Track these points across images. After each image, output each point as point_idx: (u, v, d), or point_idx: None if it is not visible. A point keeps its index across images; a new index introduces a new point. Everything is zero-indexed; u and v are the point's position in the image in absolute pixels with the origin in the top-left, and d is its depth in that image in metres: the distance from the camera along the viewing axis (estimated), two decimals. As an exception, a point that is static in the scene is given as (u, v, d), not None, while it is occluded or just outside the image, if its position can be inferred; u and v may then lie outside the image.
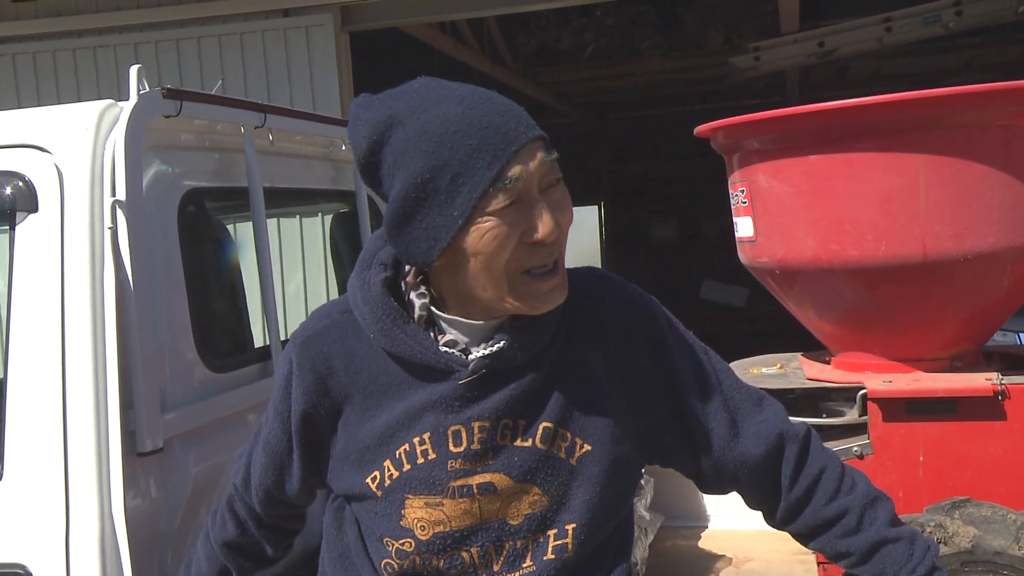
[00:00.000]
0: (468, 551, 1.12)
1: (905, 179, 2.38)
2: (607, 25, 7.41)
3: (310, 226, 3.07)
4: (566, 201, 1.10)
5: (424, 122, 1.04)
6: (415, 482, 1.11)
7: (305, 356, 1.17)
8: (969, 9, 5.35)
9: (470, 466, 1.11)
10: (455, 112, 1.03)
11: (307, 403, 1.18)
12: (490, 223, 1.03)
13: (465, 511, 1.11)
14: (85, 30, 5.16)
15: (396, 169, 1.05)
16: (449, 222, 1.03)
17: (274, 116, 2.21)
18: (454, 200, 1.03)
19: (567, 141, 10.78)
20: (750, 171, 2.64)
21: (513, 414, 1.11)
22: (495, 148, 1.02)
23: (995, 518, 2.18)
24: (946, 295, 2.47)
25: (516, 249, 1.05)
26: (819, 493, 1.21)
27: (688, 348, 1.21)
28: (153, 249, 1.81)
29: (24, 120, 1.82)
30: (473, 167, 1.02)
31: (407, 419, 1.12)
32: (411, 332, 1.12)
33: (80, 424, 1.66)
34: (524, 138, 1.04)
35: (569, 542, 1.12)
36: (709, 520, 4.03)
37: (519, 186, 1.03)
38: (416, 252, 1.07)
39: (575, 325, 1.16)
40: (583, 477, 1.13)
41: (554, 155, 1.08)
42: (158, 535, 1.77)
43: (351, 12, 5.02)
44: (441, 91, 1.07)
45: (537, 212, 1.05)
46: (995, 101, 2.36)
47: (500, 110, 1.05)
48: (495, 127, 1.03)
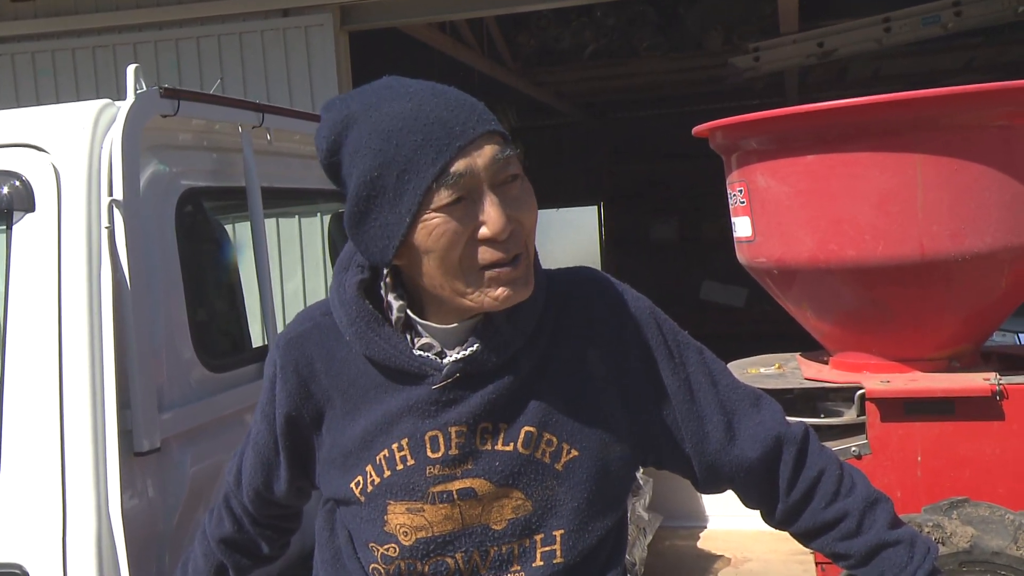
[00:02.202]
0: (453, 557, 1.10)
1: (903, 179, 2.38)
2: (607, 25, 7.40)
3: (308, 226, 3.07)
4: (526, 197, 1.08)
5: (374, 120, 1.03)
6: (395, 488, 1.10)
7: (288, 358, 1.17)
8: (968, 10, 5.35)
9: (449, 471, 1.09)
10: (404, 108, 1.03)
11: (291, 406, 1.17)
12: (437, 219, 1.02)
13: (446, 516, 1.10)
14: (84, 30, 5.15)
15: (351, 168, 1.05)
16: (398, 219, 1.03)
17: (272, 115, 2.21)
18: (402, 197, 1.02)
19: (567, 141, 10.78)
20: (748, 171, 2.64)
21: (492, 417, 1.10)
22: (440, 143, 1.01)
23: (993, 518, 2.18)
24: (944, 295, 2.47)
25: (468, 245, 1.03)
26: (818, 496, 1.20)
27: (682, 349, 1.19)
28: (150, 249, 1.81)
29: (21, 119, 1.82)
30: (418, 163, 1.01)
31: (385, 424, 1.11)
32: (386, 335, 1.11)
33: (77, 424, 1.66)
34: (472, 133, 1.02)
35: (558, 548, 1.11)
36: (708, 520, 4.03)
37: (464, 181, 1.01)
38: (374, 251, 1.07)
39: (564, 325, 1.15)
40: (570, 483, 1.11)
41: (511, 151, 1.06)
42: (155, 535, 1.77)
43: (350, 12, 5.01)
44: (397, 88, 1.06)
45: (486, 208, 1.03)
46: (993, 101, 2.36)
47: (451, 105, 1.04)
48: (442, 122, 1.02)
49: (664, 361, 1.17)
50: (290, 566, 1.90)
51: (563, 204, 10.59)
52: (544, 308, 1.13)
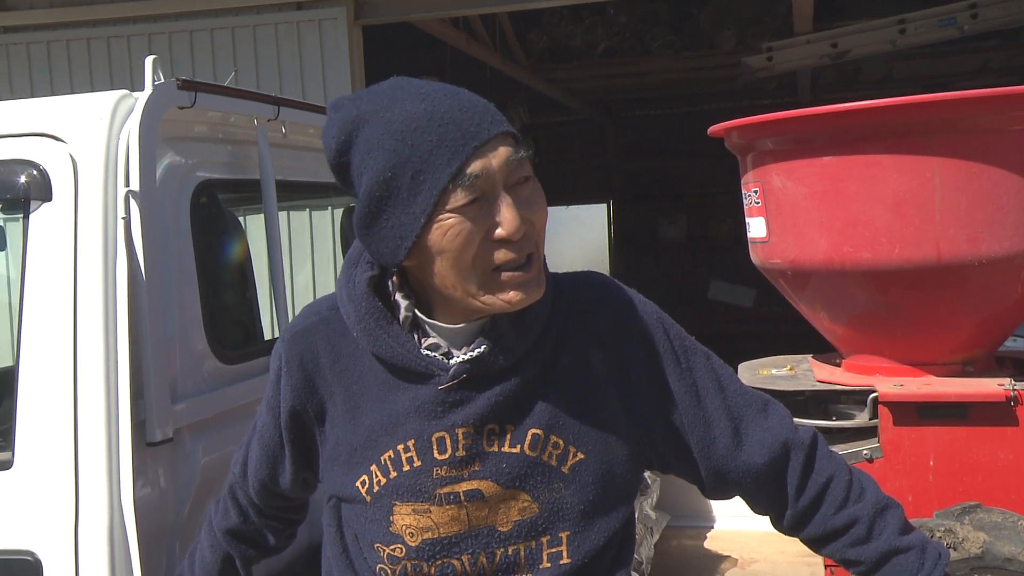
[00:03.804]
0: (459, 559, 1.10)
1: (920, 182, 2.36)
2: (619, 23, 7.39)
3: (320, 219, 3.08)
4: (537, 198, 1.08)
5: (387, 120, 1.03)
6: (402, 489, 1.10)
7: (293, 352, 1.17)
8: (984, 12, 5.31)
9: (456, 473, 1.09)
10: (417, 109, 1.02)
11: (295, 400, 1.17)
12: (452, 220, 1.02)
13: (453, 518, 1.09)
14: (99, 20, 5.16)
15: (363, 168, 1.04)
16: (412, 220, 1.02)
17: (287, 109, 2.21)
18: (416, 197, 1.02)
19: (577, 139, 10.76)
20: (764, 171, 2.63)
21: (499, 419, 1.09)
22: (455, 144, 1.01)
23: (1006, 524, 2.17)
24: (959, 299, 2.46)
25: (482, 246, 1.03)
26: (827, 502, 1.19)
27: (689, 354, 1.18)
28: (165, 240, 1.81)
29: (39, 109, 1.83)
30: (433, 163, 1.01)
31: (391, 424, 1.11)
32: (393, 333, 1.10)
33: (91, 413, 1.67)
34: (487, 134, 1.02)
35: (564, 549, 1.11)
36: (715, 520, 4.03)
37: (480, 183, 1.02)
38: (385, 252, 1.06)
39: (570, 329, 1.14)
40: (576, 485, 1.11)
41: (523, 152, 1.06)
42: (166, 525, 1.77)
43: (364, 6, 5.01)
44: (408, 89, 1.06)
45: (501, 209, 1.03)
46: (1012, 105, 2.34)
47: (464, 106, 1.04)
48: (456, 123, 1.02)
49: (671, 366, 1.16)
50: (298, 559, 1.90)
51: (573, 202, 10.58)
52: (551, 311, 1.13)
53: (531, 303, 1.07)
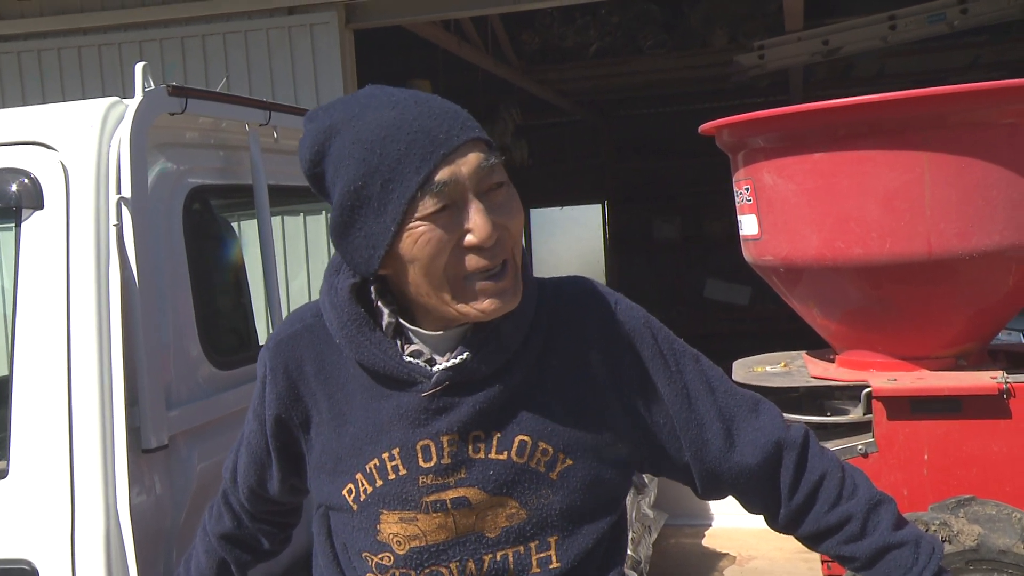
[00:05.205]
0: (447, 566, 1.10)
1: (910, 177, 2.37)
2: (611, 23, 7.40)
3: (314, 224, 3.08)
4: (512, 203, 1.07)
5: (357, 130, 1.03)
6: (388, 498, 1.10)
7: (278, 360, 1.17)
8: (974, 7, 5.33)
9: (442, 480, 1.09)
10: (387, 117, 1.02)
11: (280, 407, 1.17)
12: (422, 228, 1.01)
13: (440, 525, 1.09)
14: (90, 28, 5.16)
15: (335, 178, 1.04)
16: (383, 229, 1.02)
17: (279, 113, 2.21)
18: (386, 207, 1.01)
19: (571, 140, 10.77)
20: (755, 169, 2.64)
21: (484, 426, 1.09)
22: (424, 152, 1.00)
23: (1000, 516, 2.18)
24: (951, 293, 2.47)
25: (454, 254, 1.03)
26: (820, 500, 1.19)
27: (678, 357, 1.18)
28: (158, 246, 1.81)
29: (30, 117, 1.83)
30: (402, 172, 1.00)
31: (376, 432, 1.11)
32: (376, 340, 1.09)
33: (85, 421, 1.67)
34: (456, 141, 1.02)
35: (553, 554, 1.11)
36: (713, 518, 4.04)
37: (449, 190, 1.01)
38: (359, 261, 1.06)
39: (557, 335, 1.14)
40: (565, 491, 1.10)
41: (495, 159, 1.05)
42: (163, 531, 1.77)
43: (356, 10, 5.02)
44: (380, 98, 1.06)
45: (472, 215, 1.02)
46: (1001, 99, 2.35)
47: (434, 113, 1.03)
48: (425, 131, 1.01)
49: (660, 370, 1.16)
50: (296, 563, 1.90)
51: (567, 203, 10.58)
52: (536, 317, 1.13)
53: (508, 311, 1.07)
